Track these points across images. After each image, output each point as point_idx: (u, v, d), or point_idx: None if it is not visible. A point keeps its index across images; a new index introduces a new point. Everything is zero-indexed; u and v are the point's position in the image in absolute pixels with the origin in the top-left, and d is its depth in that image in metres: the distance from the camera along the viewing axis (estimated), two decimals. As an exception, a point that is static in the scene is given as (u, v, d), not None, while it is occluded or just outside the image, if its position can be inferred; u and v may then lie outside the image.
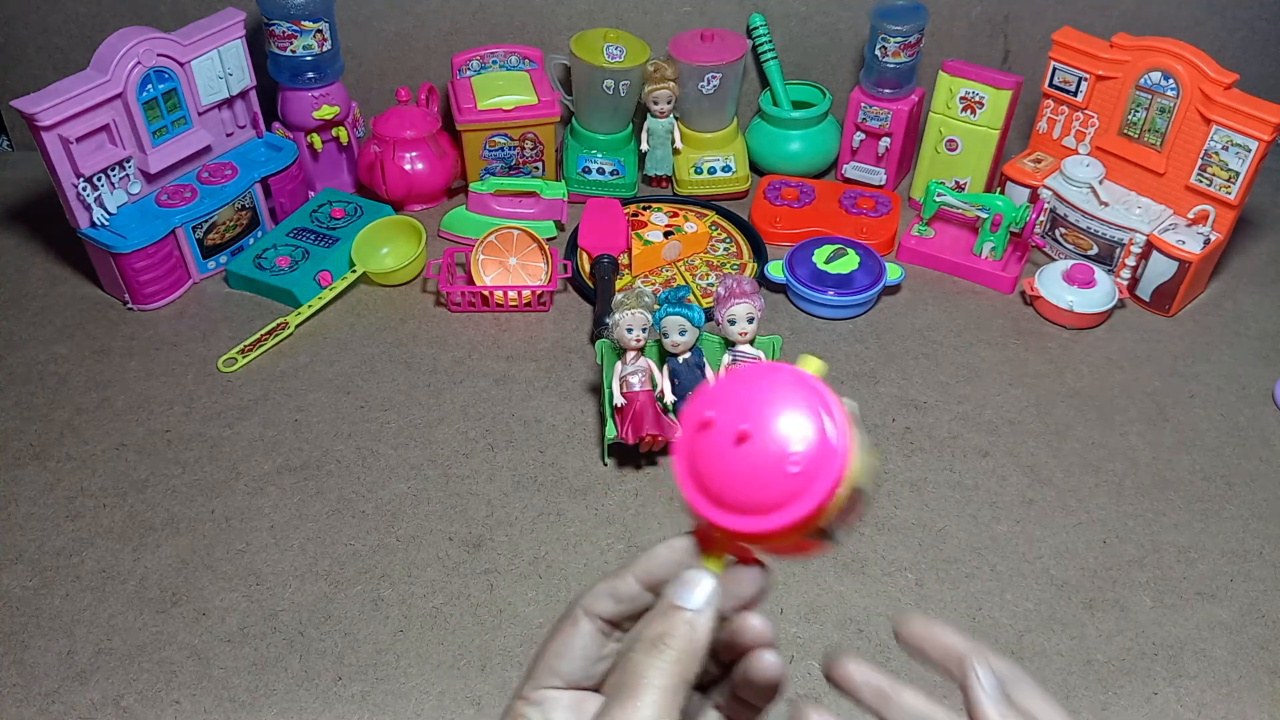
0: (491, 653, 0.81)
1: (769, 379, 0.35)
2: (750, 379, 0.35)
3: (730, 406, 0.35)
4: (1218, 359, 1.11)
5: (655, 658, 0.34)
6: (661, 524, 0.91)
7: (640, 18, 1.34)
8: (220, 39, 1.12)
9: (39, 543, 0.90)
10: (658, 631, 0.34)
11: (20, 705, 0.78)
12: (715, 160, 1.33)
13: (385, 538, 0.90)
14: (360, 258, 1.19)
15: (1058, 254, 1.24)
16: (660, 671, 0.33)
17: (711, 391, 0.36)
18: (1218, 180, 1.10)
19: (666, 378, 0.96)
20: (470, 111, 1.25)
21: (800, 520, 0.33)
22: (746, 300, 0.94)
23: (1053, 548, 0.90)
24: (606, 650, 0.38)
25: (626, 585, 0.37)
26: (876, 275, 1.15)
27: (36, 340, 1.11)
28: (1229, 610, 0.86)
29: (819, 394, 0.34)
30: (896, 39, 1.23)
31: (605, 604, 0.38)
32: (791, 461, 0.33)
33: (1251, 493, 0.96)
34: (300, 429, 1.01)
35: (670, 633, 0.34)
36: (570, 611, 0.38)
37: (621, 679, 0.34)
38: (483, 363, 1.09)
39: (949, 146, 1.27)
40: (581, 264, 1.20)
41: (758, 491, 0.34)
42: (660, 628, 0.35)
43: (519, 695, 0.38)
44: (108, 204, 1.09)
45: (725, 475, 0.34)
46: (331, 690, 0.79)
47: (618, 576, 0.38)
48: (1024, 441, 1.01)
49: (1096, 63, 1.15)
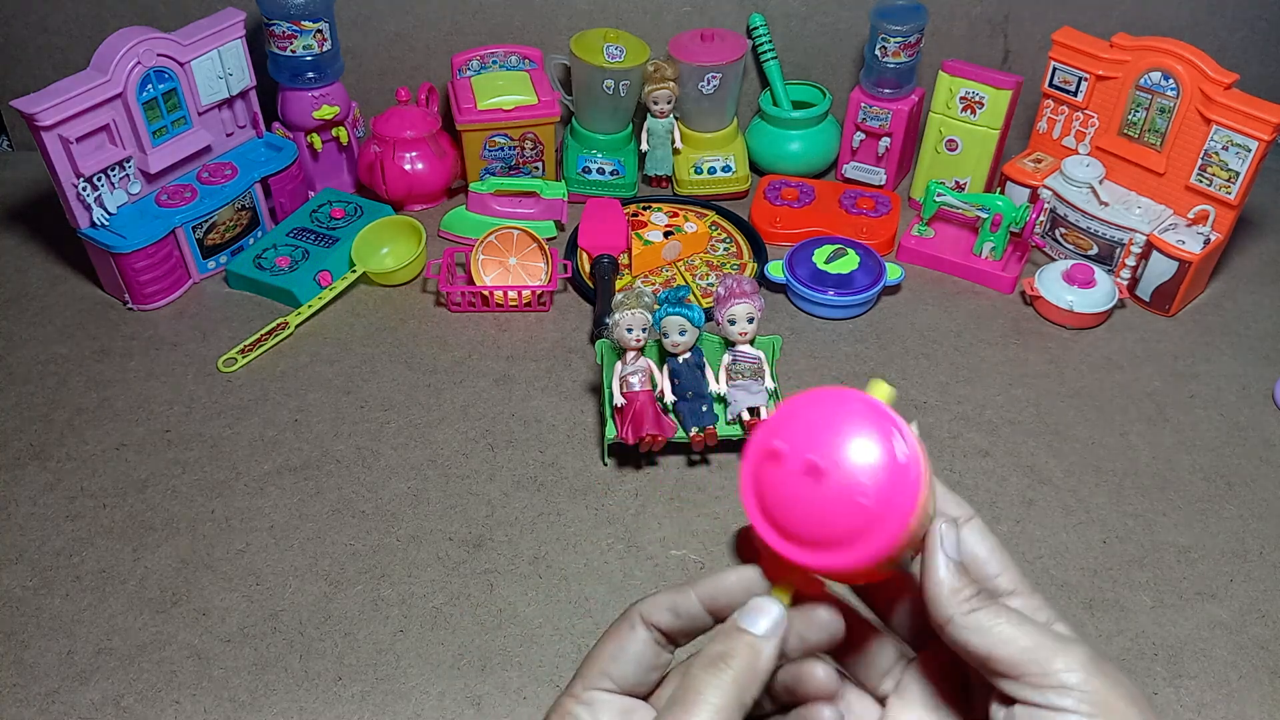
0: (491, 653, 0.81)
1: (837, 406, 0.34)
2: (818, 406, 0.34)
3: (798, 436, 0.34)
4: (1218, 359, 1.11)
5: (714, 675, 0.34)
6: (661, 524, 0.91)
7: (640, 18, 1.34)
8: (220, 39, 1.12)
9: (39, 543, 0.90)
10: (720, 650, 0.34)
11: (20, 705, 0.78)
12: (715, 160, 1.33)
13: (385, 538, 0.90)
14: (360, 258, 1.19)
15: (1058, 254, 1.24)
16: (718, 689, 0.34)
17: (777, 419, 0.35)
18: (1218, 180, 1.10)
19: (666, 378, 0.96)
20: (470, 111, 1.25)
21: (874, 557, 0.32)
22: (746, 300, 0.94)
23: (1053, 548, 0.90)
24: (660, 660, 0.38)
25: (688, 602, 0.37)
26: (876, 275, 1.15)
27: (36, 340, 1.11)
28: (1229, 610, 0.86)
29: (890, 421, 0.33)
30: (896, 39, 1.23)
31: (664, 616, 0.38)
32: (862, 495, 0.32)
33: (1251, 493, 0.96)
34: (300, 429, 1.01)
35: (732, 653, 0.34)
36: (628, 616, 0.38)
37: (679, 693, 0.34)
38: (483, 363, 1.09)
39: (949, 146, 1.27)
40: (581, 264, 1.20)
41: (829, 526, 0.33)
42: (723, 647, 0.35)
43: (569, 693, 0.37)
44: (108, 204, 1.09)
45: (795, 509, 0.33)
46: (331, 690, 0.79)
47: (680, 591, 0.38)
48: (1024, 441, 1.01)
49: (1096, 63, 1.15)
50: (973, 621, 0.34)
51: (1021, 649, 0.33)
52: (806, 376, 1.07)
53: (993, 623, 0.33)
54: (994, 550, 0.37)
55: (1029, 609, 0.36)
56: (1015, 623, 0.34)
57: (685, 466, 0.97)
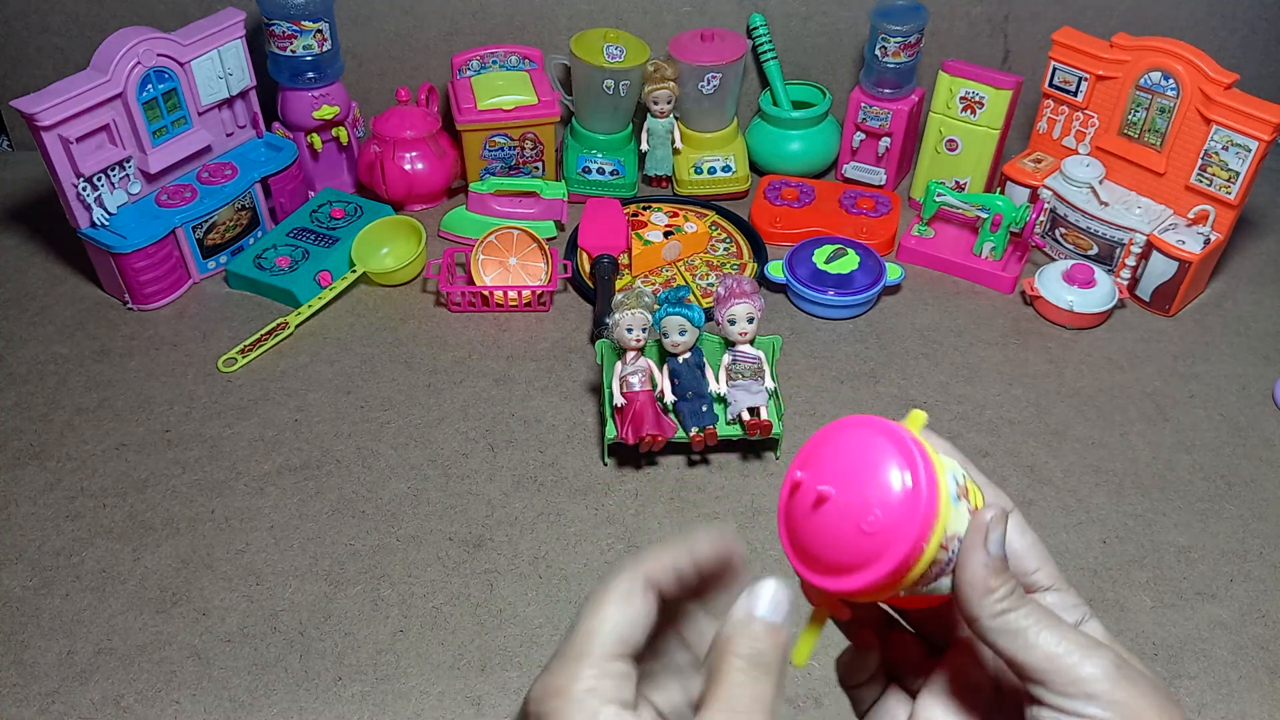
0: (491, 653, 0.81)
1: (857, 435, 0.35)
2: (840, 435, 0.36)
3: (817, 466, 0.35)
4: (1218, 359, 1.11)
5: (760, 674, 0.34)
6: (661, 524, 0.91)
7: (640, 18, 1.34)
8: (220, 39, 1.12)
9: (39, 543, 0.90)
10: (756, 649, 0.34)
11: (20, 705, 0.78)
12: (715, 160, 1.33)
13: (385, 538, 0.90)
14: (360, 258, 1.19)
15: (1058, 254, 1.24)
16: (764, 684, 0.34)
17: (805, 450, 0.37)
18: (1218, 180, 1.10)
19: (666, 378, 0.96)
20: (470, 111, 1.25)
21: (884, 579, 0.33)
22: (746, 300, 0.94)
23: (1053, 548, 0.90)
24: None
25: (687, 565, 0.38)
26: (876, 275, 1.15)
27: (36, 340, 1.11)
28: (1229, 610, 0.86)
29: (907, 452, 0.34)
30: (896, 39, 1.23)
31: (670, 581, 0.37)
32: (870, 519, 0.33)
33: (1251, 493, 0.96)
34: (300, 429, 1.01)
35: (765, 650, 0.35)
36: (631, 578, 0.37)
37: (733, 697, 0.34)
38: (483, 363, 1.09)
39: (949, 146, 1.27)
40: (581, 264, 1.20)
41: (843, 551, 0.34)
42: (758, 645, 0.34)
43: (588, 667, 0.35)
44: (108, 204, 1.09)
45: (810, 536, 0.35)
46: (331, 690, 0.79)
47: (676, 553, 0.38)
48: (1024, 441, 1.01)
49: (1096, 63, 1.15)
50: (1000, 625, 0.34)
51: (1047, 656, 0.33)
52: (806, 376, 1.07)
53: (1021, 625, 0.34)
54: (1032, 545, 0.37)
55: (1062, 606, 0.36)
56: (1044, 625, 0.33)
57: (685, 466, 0.97)
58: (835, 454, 0.35)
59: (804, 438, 0.99)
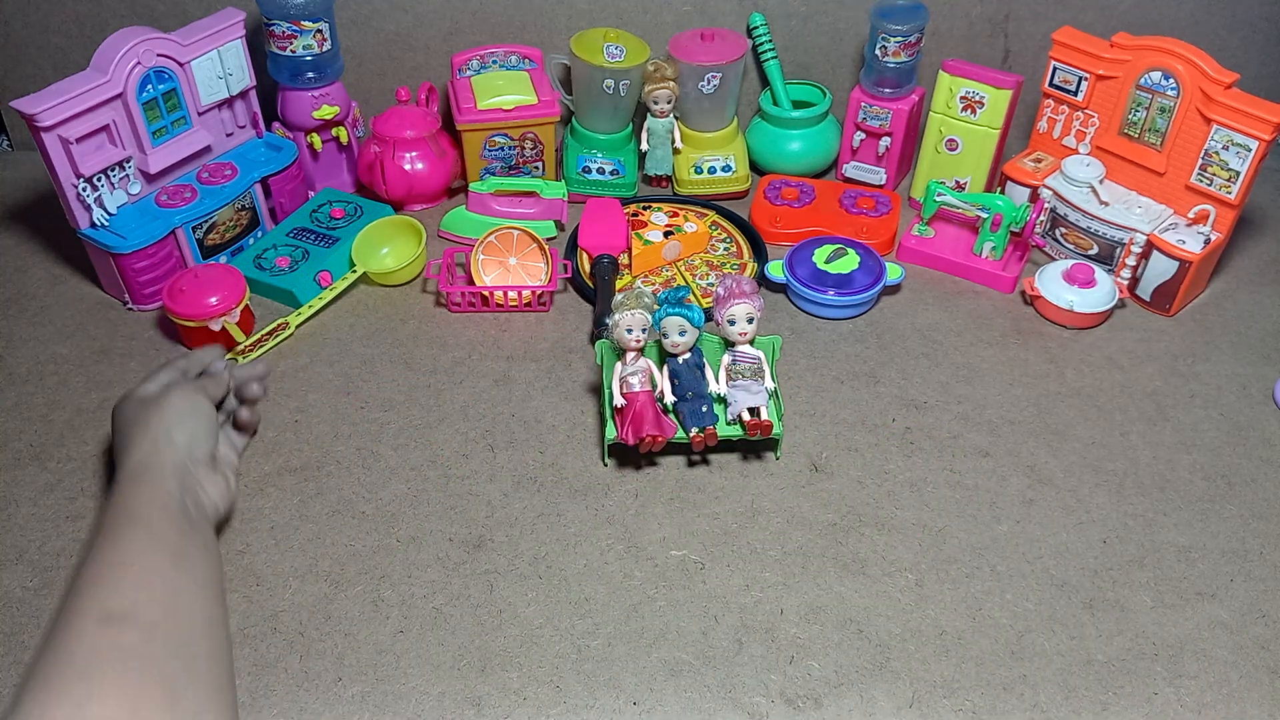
0: (491, 653, 0.81)
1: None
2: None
3: None
4: (1218, 359, 1.11)
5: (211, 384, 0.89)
6: (661, 524, 0.92)
7: (640, 17, 1.34)
8: (220, 39, 1.12)
9: (39, 543, 0.90)
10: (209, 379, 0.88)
11: (20, 706, 0.78)
12: (715, 160, 1.33)
13: (385, 538, 0.90)
14: (360, 258, 1.19)
15: (1058, 254, 1.24)
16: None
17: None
18: (1218, 180, 1.10)
19: (666, 378, 0.96)
20: (470, 111, 1.25)
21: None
22: (746, 300, 0.94)
23: (1053, 548, 0.90)
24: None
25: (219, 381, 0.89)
26: (876, 275, 1.15)
27: (36, 340, 1.11)
28: (1229, 610, 0.86)
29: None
30: (897, 38, 1.23)
31: (217, 391, 0.87)
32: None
33: (1251, 493, 0.96)
34: (300, 429, 1.01)
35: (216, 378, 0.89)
36: (201, 392, 0.84)
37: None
38: (483, 363, 1.09)
39: (949, 146, 1.27)
40: (581, 264, 1.20)
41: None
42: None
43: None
44: (108, 204, 1.09)
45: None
46: (331, 691, 0.79)
47: (211, 378, 0.89)
48: (1024, 441, 1.01)
49: (1097, 62, 1.15)
50: None
51: None
52: (807, 376, 1.07)
53: None
54: None
55: None
56: None
57: (685, 467, 0.97)
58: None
59: (804, 438, 0.99)
